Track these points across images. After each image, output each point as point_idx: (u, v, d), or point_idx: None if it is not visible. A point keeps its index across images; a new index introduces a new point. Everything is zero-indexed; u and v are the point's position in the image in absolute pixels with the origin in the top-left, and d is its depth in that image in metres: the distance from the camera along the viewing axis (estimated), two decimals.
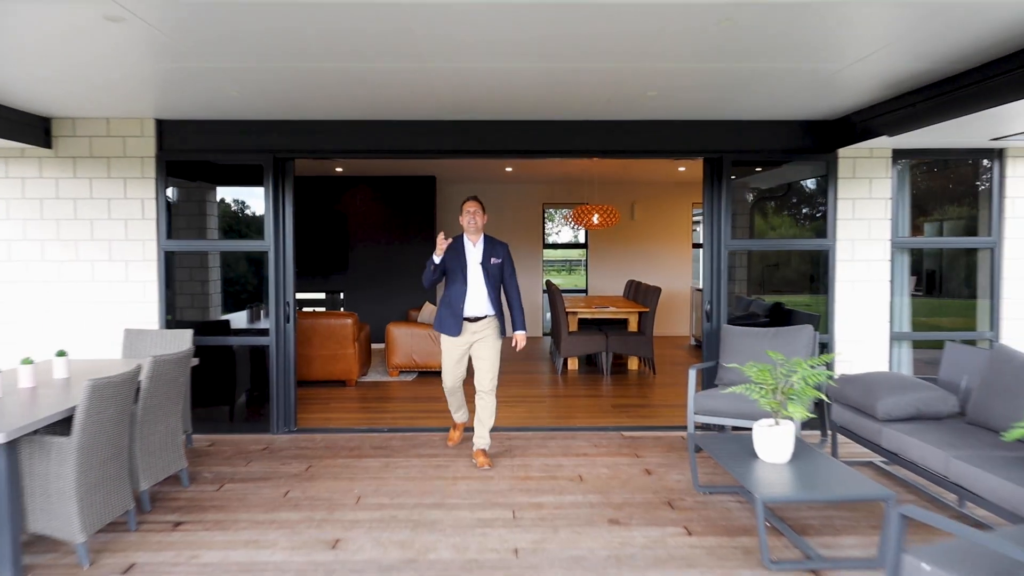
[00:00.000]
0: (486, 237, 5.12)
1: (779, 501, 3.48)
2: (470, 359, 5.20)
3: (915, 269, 7.12)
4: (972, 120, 4.57)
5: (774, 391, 3.95)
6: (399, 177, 11.27)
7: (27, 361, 4.10)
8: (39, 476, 3.44)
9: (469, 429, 5.78)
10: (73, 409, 3.54)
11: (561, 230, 16.49)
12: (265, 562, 3.55)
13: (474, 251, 5.09)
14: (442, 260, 4.98)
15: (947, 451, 3.84)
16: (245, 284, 6.49)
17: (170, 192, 5.98)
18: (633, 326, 9.13)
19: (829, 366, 5.36)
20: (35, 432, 3.48)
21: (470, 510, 4.22)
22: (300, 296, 11.14)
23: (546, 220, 12.96)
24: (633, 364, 9.17)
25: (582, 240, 13.11)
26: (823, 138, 5.94)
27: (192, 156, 5.95)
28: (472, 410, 5.67)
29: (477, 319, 5.07)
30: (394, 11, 3.25)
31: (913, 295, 7.08)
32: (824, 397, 4.18)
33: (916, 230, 6.56)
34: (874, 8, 3.24)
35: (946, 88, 4.43)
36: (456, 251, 5.07)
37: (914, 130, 4.90)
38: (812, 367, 3.96)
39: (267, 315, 6.11)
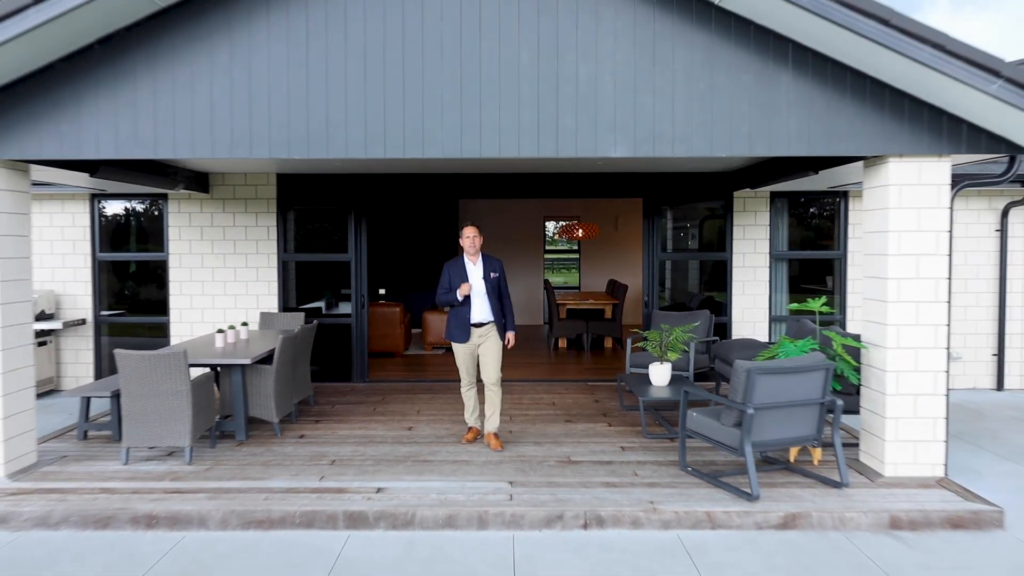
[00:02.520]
0: (483, 256, 6.12)
1: (649, 400, 6.38)
2: (477, 358, 6.16)
3: (830, 272, 9.98)
4: (809, 179, 7.39)
5: (660, 345, 6.85)
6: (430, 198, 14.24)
7: (231, 327, 7.10)
8: (254, 385, 6.42)
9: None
10: (272, 351, 6.53)
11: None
12: (374, 434, 6.52)
13: (475, 268, 6.07)
14: (451, 285, 6.03)
15: None
16: (313, 283, 9.46)
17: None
18: (608, 314, 12.05)
19: (696, 330, 8.07)
20: (243, 364, 6.45)
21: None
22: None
23: (548, 230, 15.89)
24: (608, 343, 12.09)
25: (576, 246, 16.03)
26: (723, 184, 8.81)
27: (301, 199, 8.94)
28: (483, 401, 6.51)
29: (482, 324, 6.06)
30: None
31: (826, 291, 9.95)
32: (687, 348, 7.09)
33: (830, 240, 9.38)
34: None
35: (767, 167, 7.31)
36: (459, 270, 6.04)
37: (762, 187, 7.79)
38: (678, 334, 6.86)
39: (329, 305, 9.10)
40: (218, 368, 6.76)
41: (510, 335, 6.19)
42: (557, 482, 5.26)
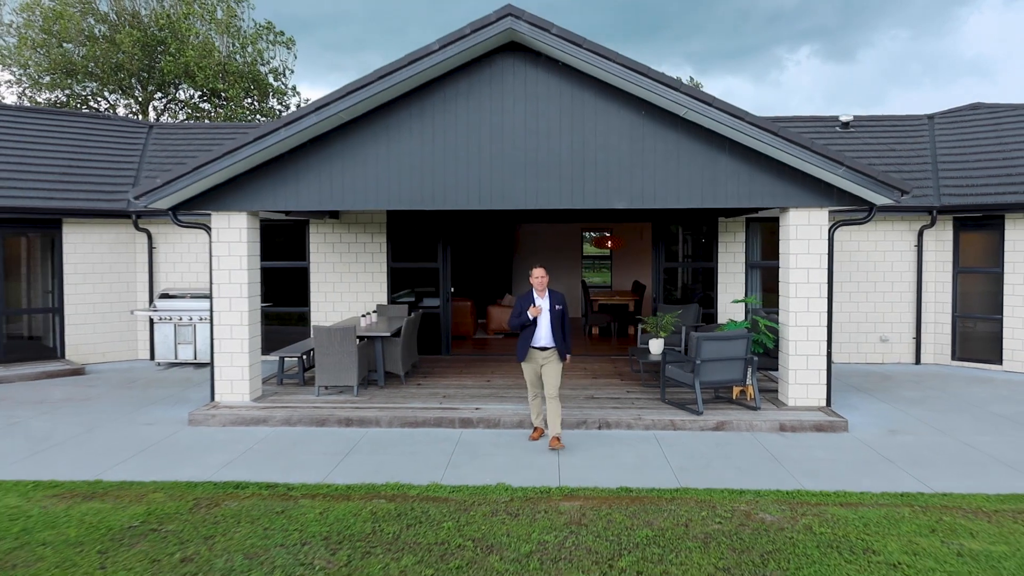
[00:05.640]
0: (549, 291, 7.39)
1: (647, 362, 9.65)
2: (541, 376, 7.47)
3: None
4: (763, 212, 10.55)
5: (656, 326, 10.12)
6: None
7: (372, 312, 10.59)
8: (388, 352, 9.90)
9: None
10: (399, 329, 10.00)
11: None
12: (465, 383, 9.95)
13: (542, 302, 7.32)
14: (524, 312, 7.29)
15: None
16: (405, 282, 12.91)
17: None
18: (631, 308, 15.32)
19: (686, 318, 11.30)
20: (384, 336, 9.89)
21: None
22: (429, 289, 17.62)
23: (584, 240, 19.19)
24: (631, 331, 15.35)
25: (608, 253, 19.29)
26: (710, 212, 12.01)
27: (404, 222, 12.43)
28: (544, 411, 7.82)
29: (545, 348, 7.38)
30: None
31: None
32: (675, 330, 10.35)
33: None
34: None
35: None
36: (530, 303, 7.29)
37: (734, 217, 10.99)
38: (668, 319, 10.12)
39: (406, 299, 12.57)
40: (364, 338, 10.26)
41: (568, 357, 7.56)
42: (583, 406, 8.61)
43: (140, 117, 28.04)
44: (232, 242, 8.93)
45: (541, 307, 7.24)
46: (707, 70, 67.53)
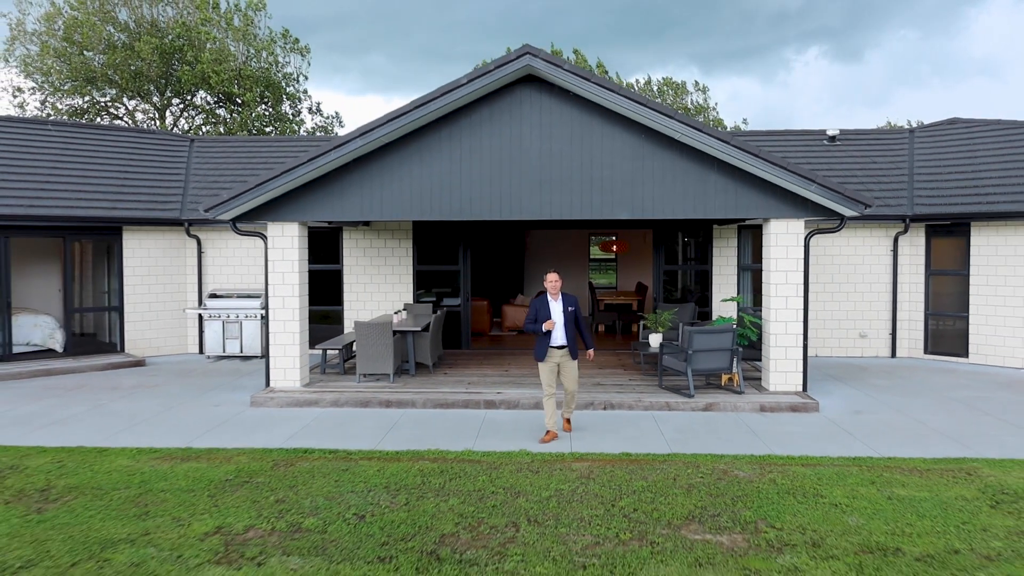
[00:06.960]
0: (562, 294, 7.96)
1: (647, 354, 10.94)
2: (559, 373, 8.00)
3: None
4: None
5: (655, 322, 11.40)
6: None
7: (402, 310, 11.92)
8: (419, 344, 11.21)
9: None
10: (428, 324, 11.32)
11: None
12: (486, 372, 11.26)
13: (556, 304, 7.89)
14: (537, 317, 7.82)
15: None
16: (427, 283, 14.21)
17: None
18: (635, 307, 16.60)
19: (683, 315, 12.59)
20: (415, 331, 11.20)
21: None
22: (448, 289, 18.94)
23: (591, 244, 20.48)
24: (635, 328, 16.62)
25: (613, 256, 20.57)
26: (706, 221, 13.27)
27: (428, 230, 13.74)
28: (557, 415, 8.51)
29: (561, 347, 7.98)
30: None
31: None
32: (672, 326, 11.63)
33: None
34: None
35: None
36: (544, 305, 7.83)
37: (727, 225, 12.26)
38: (666, 316, 11.40)
39: (428, 298, 13.88)
40: (397, 333, 11.56)
41: (590, 352, 8.25)
42: (591, 391, 9.90)
43: (157, 123, 29.40)
44: (285, 248, 10.26)
45: (555, 321, 7.77)
46: (713, 71, 68.24)
